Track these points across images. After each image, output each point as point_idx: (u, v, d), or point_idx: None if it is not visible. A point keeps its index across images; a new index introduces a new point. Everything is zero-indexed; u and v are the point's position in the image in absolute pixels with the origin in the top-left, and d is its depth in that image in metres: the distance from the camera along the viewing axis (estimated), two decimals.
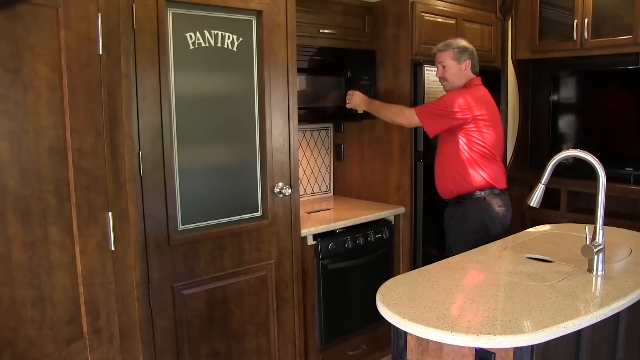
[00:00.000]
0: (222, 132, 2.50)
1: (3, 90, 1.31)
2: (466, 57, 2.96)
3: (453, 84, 2.98)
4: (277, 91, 2.60)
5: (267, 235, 2.64)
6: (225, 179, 2.53)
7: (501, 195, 2.92)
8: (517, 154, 4.30)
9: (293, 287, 2.77)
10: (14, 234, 1.35)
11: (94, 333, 1.58)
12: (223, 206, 2.50)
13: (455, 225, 2.94)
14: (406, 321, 1.60)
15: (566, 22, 3.82)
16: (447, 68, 2.96)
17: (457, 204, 2.94)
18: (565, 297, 1.74)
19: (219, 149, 2.50)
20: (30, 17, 1.37)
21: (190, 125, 2.35)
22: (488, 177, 2.87)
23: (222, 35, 2.40)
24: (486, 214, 2.84)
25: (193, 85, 2.37)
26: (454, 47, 2.95)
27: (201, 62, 2.37)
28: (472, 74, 2.99)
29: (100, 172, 1.59)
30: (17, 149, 1.35)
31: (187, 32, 2.30)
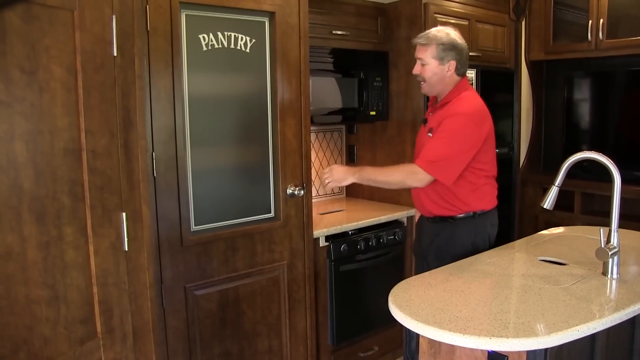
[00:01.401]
0: (235, 133, 2.49)
1: (19, 91, 1.33)
2: (451, 57, 2.40)
3: (432, 88, 2.46)
4: (290, 92, 2.59)
5: (280, 236, 2.63)
6: (238, 180, 2.53)
7: (492, 213, 2.53)
8: (530, 156, 4.27)
9: (305, 289, 2.76)
10: (29, 234, 1.37)
11: (108, 332, 1.60)
12: (236, 207, 2.50)
13: (441, 245, 2.49)
14: (418, 323, 1.59)
15: (581, 22, 3.79)
16: (427, 67, 2.42)
17: (442, 222, 2.48)
18: (580, 300, 1.72)
19: (232, 150, 2.49)
20: (46, 20, 1.39)
21: (204, 126, 2.36)
22: (484, 200, 2.46)
23: (235, 36, 2.40)
24: (478, 234, 2.46)
25: (206, 87, 2.37)
26: (437, 42, 2.39)
27: (214, 63, 2.37)
28: (457, 76, 2.44)
29: (114, 172, 1.60)
30: (32, 149, 1.37)
31: (201, 33, 2.30)
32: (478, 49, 3.65)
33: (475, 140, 2.32)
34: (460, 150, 2.30)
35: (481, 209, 2.45)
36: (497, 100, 3.98)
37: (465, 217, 2.43)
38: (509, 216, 4.21)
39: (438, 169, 2.29)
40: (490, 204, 2.50)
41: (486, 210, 2.47)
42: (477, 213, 2.44)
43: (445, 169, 2.29)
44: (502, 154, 3.99)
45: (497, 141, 3.86)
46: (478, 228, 2.45)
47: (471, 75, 3.61)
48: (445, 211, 2.45)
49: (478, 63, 3.67)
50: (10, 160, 1.32)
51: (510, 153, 4.10)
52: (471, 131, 2.31)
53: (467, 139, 2.31)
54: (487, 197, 2.48)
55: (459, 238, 2.45)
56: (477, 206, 2.43)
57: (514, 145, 4.13)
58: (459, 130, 2.31)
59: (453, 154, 2.29)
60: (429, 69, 2.42)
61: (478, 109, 2.38)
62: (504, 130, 4.06)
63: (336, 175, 2.41)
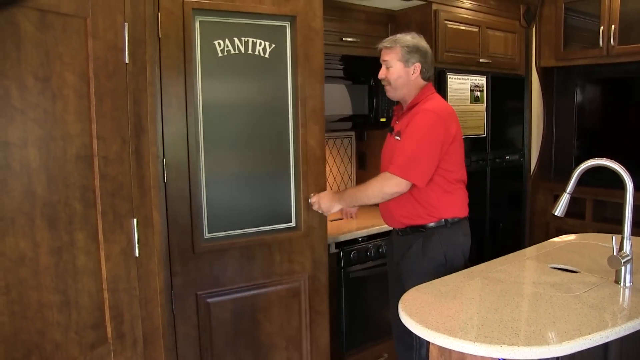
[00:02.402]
0: (253, 140, 2.43)
1: (33, 98, 1.35)
2: (416, 60, 2.40)
3: (397, 91, 2.45)
4: (314, 99, 2.50)
5: (300, 246, 2.54)
6: (255, 188, 2.46)
7: (464, 223, 2.48)
8: (541, 163, 4.26)
9: (329, 301, 2.67)
10: (42, 239, 1.38)
11: (118, 338, 1.60)
12: (253, 216, 2.45)
13: (411, 259, 2.41)
14: (429, 330, 1.58)
15: (592, 28, 3.78)
16: (392, 70, 2.42)
17: (413, 232, 2.42)
18: (592, 308, 1.71)
19: (249, 158, 2.43)
20: (60, 27, 1.40)
21: (219, 133, 2.34)
22: (455, 206, 2.42)
23: (253, 42, 2.36)
24: (450, 245, 2.39)
25: (222, 93, 2.34)
26: (402, 44, 2.40)
27: (230, 69, 2.34)
28: (422, 80, 2.45)
29: (125, 179, 1.61)
30: (45, 155, 1.38)
31: (216, 39, 2.29)
32: (488, 55, 3.65)
33: (443, 138, 2.30)
34: (429, 149, 2.28)
35: (453, 215, 2.40)
36: (508, 107, 3.98)
37: (437, 226, 2.38)
38: (519, 223, 4.19)
39: (410, 170, 2.26)
40: (462, 211, 2.45)
41: (459, 217, 2.42)
42: (449, 221, 2.39)
43: (416, 170, 2.27)
44: (512, 160, 3.98)
45: (508, 148, 3.92)
46: (450, 238, 2.39)
47: (481, 81, 3.61)
48: (417, 219, 2.40)
49: (488, 70, 3.66)
50: (23, 166, 1.33)
51: (521, 160, 4.09)
52: (438, 128, 2.29)
53: (434, 137, 2.28)
54: (458, 202, 2.43)
55: (430, 250, 2.37)
56: (449, 212, 2.39)
57: (525, 152, 4.12)
58: (426, 128, 2.29)
59: (422, 153, 2.27)
60: (394, 71, 2.41)
61: (444, 109, 2.37)
62: (515, 137, 4.05)
63: (324, 205, 2.44)
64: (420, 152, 2.27)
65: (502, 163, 3.88)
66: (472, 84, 3.55)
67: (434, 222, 2.38)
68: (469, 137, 3.57)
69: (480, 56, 3.60)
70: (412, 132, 2.30)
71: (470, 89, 3.54)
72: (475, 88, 3.58)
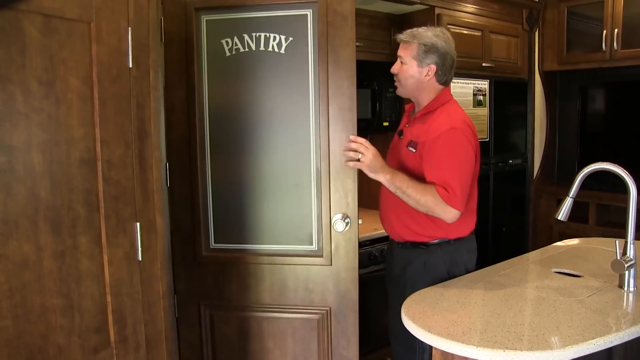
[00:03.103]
0: (267, 146, 2.20)
1: (37, 102, 1.35)
2: (431, 61, 2.14)
3: (406, 91, 2.23)
4: (341, 99, 2.11)
5: (322, 276, 2.22)
6: (269, 201, 2.22)
7: (471, 238, 2.28)
8: (544, 167, 4.25)
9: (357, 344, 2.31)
10: (45, 243, 1.38)
11: (121, 342, 1.60)
12: (265, 231, 2.24)
13: (413, 275, 2.23)
14: (431, 335, 1.58)
15: (595, 32, 3.77)
16: (405, 67, 2.18)
17: (414, 248, 2.23)
18: (595, 313, 1.70)
19: (262, 166, 2.22)
20: (64, 32, 1.41)
21: (228, 138, 2.21)
22: (463, 225, 2.20)
23: (266, 37, 2.13)
24: (453, 262, 2.20)
25: (230, 95, 2.20)
26: (420, 40, 2.14)
27: (239, 69, 2.17)
28: (439, 84, 2.19)
29: (128, 183, 1.61)
30: (49, 159, 1.38)
31: (224, 38, 2.15)
32: (491, 59, 3.65)
33: (473, 158, 2.10)
34: (468, 169, 2.07)
35: (458, 235, 2.21)
36: (511, 111, 3.97)
37: (439, 243, 2.19)
38: (522, 227, 4.18)
39: (458, 200, 2.01)
40: (467, 230, 2.24)
41: (463, 236, 2.22)
42: (453, 239, 2.20)
43: (462, 198, 2.03)
44: (515, 164, 3.98)
45: (511, 152, 3.91)
46: (454, 255, 2.19)
47: (484, 85, 3.61)
48: (418, 237, 2.21)
49: (491, 74, 3.66)
50: (27, 170, 1.34)
51: (524, 164, 4.08)
52: (471, 146, 2.09)
53: (470, 155, 2.08)
54: (465, 223, 2.21)
55: (433, 267, 2.18)
56: (455, 234, 2.19)
57: (528, 156, 4.11)
58: (461, 150, 2.06)
59: (467, 181, 2.06)
60: (406, 69, 2.17)
61: (468, 122, 2.14)
62: (518, 141, 4.05)
63: (373, 162, 2.01)
64: (464, 181, 2.04)
65: (505, 167, 3.88)
66: (474, 88, 3.55)
67: (436, 240, 2.19)
68: None
69: (483, 60, 3.59)
70: (448, 157, 2.05)
71: (473, 93, 3.54)
72: (478, 92, 3.57)
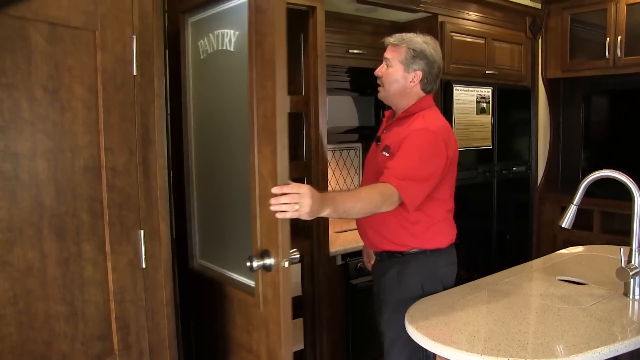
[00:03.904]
0: (223, 161, 1.98)
1: (42, 110, 1.36)
2: (418, 67, 2.08)
3: (388, 96, 2.14)
4: (264, 103, 1.62)
5: (257, 320, 1.78)
6: (227, 222, 1.99)
7: (449, 251, 2.17)
8: (548, 174, 4.24)
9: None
10: (49, 250, 1.38)
11: (124, 349, 1.60)
12: (222, 254, 2.04)
13: (387, 287, 2.14)
14: (435, 343, 1.58)
15: (598, 40, 3.78)
16: (390, 71, 2.10)
17: (390, 258, 2.14)
18: (600, 321, 1.69)
19: (224, 184, 2.01)
20: (69, 40, 1.42)
21: (203, 148, 2.10)
22: (441, 236, 2.12)
23: (222, 34, 1.90)
24: (428, 275, 2.09)
25: (204, 102, 2.07)
26: (409, 45, 2.08)
27: (208, 72, 2.04)
28: (422, 92, 2.12)
29: (132, 190, 1.61)
30: (53, 167, 1.39)
31: (200, 39, 2.03)
32: (494, 67, 3.66)
33: (443, 161, 2.00)
34: (429, 171, 1.96)
35: (435, 246, 2.11)
36: (514, 119, 3.98)
37: (415, 253, 2.10)
38: (526, 235, 4.17)
39: (407, 189, 1.89)
40: (445, 241, 2.14)
41: (440, 247, 2.12)
42: (430, 250, 2.10)
43: (413, 191, 1.91)
44: (519, 172, 3.97)
45: (515, 159, 3.91)
46: (430, 268, 2.09)
47: (488, 93, 3.61)
48: (393, 246, 2.12)
49: (495, 81, 3.67)
50: (32, 177, 1.34)
51: (528, 171, 4.08)
52: (439, 151, 1.99)
53: (435, 159, 1.98)
54: (443, 234, 2.13)
55: (406, 279, 2.09)
56: (431, 244, 2.10)
57: (531, 163, 4.11)
58: (427, 147, 1.97)
59: (423, 174, 1.94)
60: (392, 73, 2.10)
61: (446, 128, 2.08)
62: (521, 148, 4.05)
63: (312, 205, 1.59)
64: (421, 172, 1.94)
65: (509, 174, 3.87)
66: (478, 96, 3.55)
67: (413, 250, 2.10)
68: (475, 149, 3.57)
69: (486, 68, 3.60)
70: (413, 148, 1.97)
71: (476, 101, 3.55)
72: (481, 99, 3.58)
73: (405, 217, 2.05)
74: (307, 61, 2.67)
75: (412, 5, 3.08)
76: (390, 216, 2.03)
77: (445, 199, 2.12)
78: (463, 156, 3.34)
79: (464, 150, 3.46)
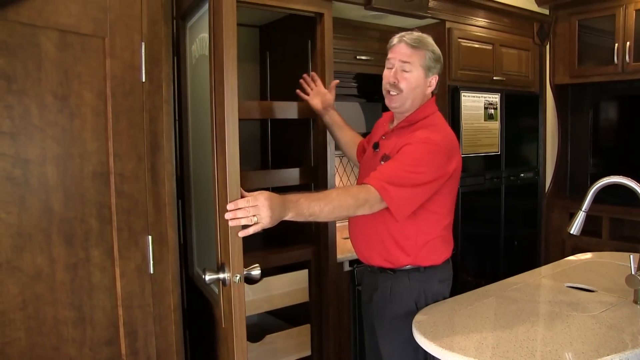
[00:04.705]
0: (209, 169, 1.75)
1: (52, 116, 1.37)
2: (436, 71, 1.98)
3: (405, 103, 1.97)
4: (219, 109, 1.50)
5: (221, 335, 1.70)
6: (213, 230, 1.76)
7: (444, 267, 2.04)
8: (556, 180, 4.23)
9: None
10: (58, 256, 1.39)
11: (132, 355, 1.60)
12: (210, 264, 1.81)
13: (379, 303, 2.04)
14: (443, 350, 1.57)
15: (606, 45, 3.77)
16: (411, 77, 1.94)
17: (381, 272, 2.03)
18: (610, 328, 1.68)
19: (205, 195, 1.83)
20: (79, 47, 1.43)
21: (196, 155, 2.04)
22: (437, 253, 2.00)
23: (205, 38, 1.75)
24: (422, 292, 1.98)
25: (197, 108, 2.01)
26: (429, 47, 1.96)
27: (197, 77, 1.94)
28: (431, 94, 2.04)
29: (141, 196, 1.62)
30: (62, 172, 1.40)
31: (192, 44, 1.98)
32: (502, 73, 3.65)
33: (441, 174, 1.87)
34: (420, 179, 1.81)
35: (430, 263, 1.99)
36: (522, 125, 3.96)
37: (409, 270, 1.98)
38: (534, 241, 4.15)
39: (393, 195, 1.77)
40: (440, 258, 2.02)
41: (435, 264, 2.00)
42: (424, 267, 1.99)
43: (401, 198, 1.78)
44: (527, 178, 3.96)
45: (522, 165, 3.90)
46: (424, 285, 1.98)
47: (495, 99, 3.60)
48: (385, 263, 2.01)
49: (502, 87, 3.66)
50: (41, 183, 1.35)
51: (536, 177, 4.06)
52: (438, 161, 1.86)
53: (432, 170, 1.84)
54: (438, 251, 2.00)
55: (399, 295, 1.98)
56: (425, 262, 1.98)
57: (539, 169, 4.09)
58: (423, 156, 1.84)
59: (411, 181, 1.80)
60: (414, 78, 1.94)
61: (451, 140, 1.95)
62: (529, 154, 4.03)
63: (272, 213, 1.51)
64: (412, 179, 1.81)
65: (517, 181, 3.86)
66: (486, 102, 3.55)
67: (406, 266, 1.99)
68: (483, 155, 3.56)
69: (494, 74, 3.60)
70: (408, 156, 1.84)
71: (484, 107, 3.54)
72: (489, 106, 3.57)
73: (398, 231, 1.93)
74: (314, 67, 2.68)
75: (420, 12, 3.09)
76: (383, 229, 1.95)
77: (444, 213, 1.98)
78: (470, 162, 3.34)
79: (472, 156, 3.46)
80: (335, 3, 2.68)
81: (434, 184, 1.86)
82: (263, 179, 2.55)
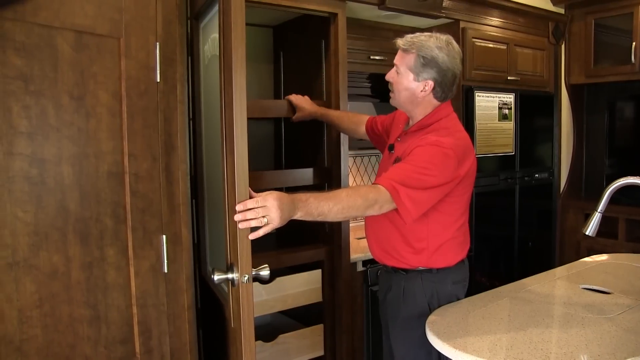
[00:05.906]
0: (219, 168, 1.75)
1: (68, 116, 1.38)
2: (429, 76, 1.90)
3: (399, 103, 2.01)
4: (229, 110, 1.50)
5: (231, 335, 1.70)
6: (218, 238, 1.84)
7: (459, 268, 2.03)
8: (571, 181, 4.19)
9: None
10: (74, 254, 1.41)
11: (146, 353, 1.61)
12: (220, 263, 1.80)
13: (392, 303, 2.04)
14: (457, 351, 1.56)
15: (623, 45, 3.72)
16: (400, 78, 1.95)
17: (395, 272, 2.03)
18: (627, 331, 1.66)
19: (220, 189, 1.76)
20: (95, 48, 1.44)
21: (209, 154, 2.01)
22: (450, 255, 1.99)
23: (215, 37, 1.72)
24: (435, 294, 1.97)
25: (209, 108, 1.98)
26: (419, 51, 1.90)
27: (209, 77, 1.92)
28: (437, 100, 1.95)
29: (155, 195, 1.63)
30: (78, 172, 1.41)
31: (205, 44, 1.97)
32: (517, 73, 3.62)
33: (451, 178, 1.85)
34: (432, 183, 1.80)
35: (443, 265, 1.98)
36: (537, 125, 3.93)
37: (421, 270, 1.98)
38: (549, 242, 4.12)
39: (403, 196, 1.75)
40: (454, 260, 2.00)
41: (448, 266, 1.99)
42: (436, 269, 1.98)
43: (410, 199, 1.76)
44: (542, 178, 3.93)
45: (537, 166, 3.87)
46: (437, 286, 1.97)
47: (510, 99, 3.58)
48: (398, 263, 2.00)
49: (517, 87, 3.64)
50: (57, 183, 1.37)
51: (551, 178, 4.03)
52: (449, 166, 1.83)
53: (442, 174, 1.82)
54: (451, 253, 1.99)
55: (412, 296, 1.98)
56: (438, 262, 1.97)
57: (554, 170, 4.06)
58: (435, 159, 1.82)
59: (421, 183, 1.78)
60: (401, 81, 1.95)
61: (463, 143, 1.92)
62: (544, 155, 4.00)
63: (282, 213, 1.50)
64: (419, 182, 1.79)
65: (532, 181, 3.83)
66: (500, 102, 3.52)
67: (419, 267, 1.98)
68: (497, 155, 3.54)
69: (508, 74, 3.57)
70: (416, 159, 1.83)
71: (498, 107, 3.52)
72: (503, 106, 3.55)
73: (410, 232, 1.93)
74: (328, 67, 2.68)
75: (434, 12, 3.08)
76: (394, 230, 1.95)
77: (457, 214, 1.97)
78: (485, 163, 3.32)
79: (486, 156, 3.44)
80: (349, 3, 2.68)
81: (444, 188, 1.84)
82: (277, 179, 2.55)
